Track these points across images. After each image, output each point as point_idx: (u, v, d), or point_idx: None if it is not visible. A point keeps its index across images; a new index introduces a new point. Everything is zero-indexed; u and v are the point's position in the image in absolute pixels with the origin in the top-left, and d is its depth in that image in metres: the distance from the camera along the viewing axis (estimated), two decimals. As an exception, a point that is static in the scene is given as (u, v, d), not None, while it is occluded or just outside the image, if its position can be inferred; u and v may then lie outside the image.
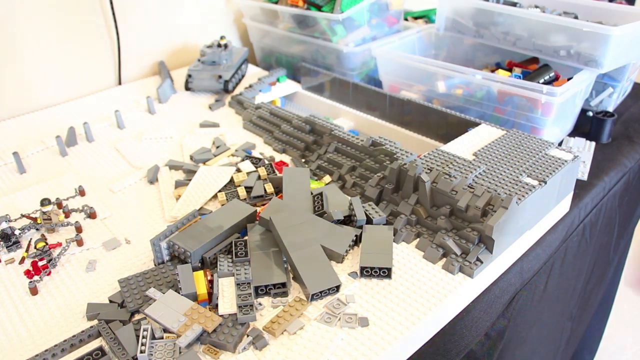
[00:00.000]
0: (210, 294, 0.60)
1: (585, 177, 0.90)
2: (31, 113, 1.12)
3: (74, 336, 0.56)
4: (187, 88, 1.18)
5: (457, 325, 0.64)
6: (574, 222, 0.83)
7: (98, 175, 0.89)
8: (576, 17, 1.04)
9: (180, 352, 0.53)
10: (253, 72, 1.30)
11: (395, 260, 0.66)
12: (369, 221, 0.71)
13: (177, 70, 1.32)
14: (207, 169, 0.85)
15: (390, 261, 0.64)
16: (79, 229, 0.74)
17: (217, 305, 0.59)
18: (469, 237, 0.65)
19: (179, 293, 0.59)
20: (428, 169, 0.72)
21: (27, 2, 1.07)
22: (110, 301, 0.62)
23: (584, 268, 0.97)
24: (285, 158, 0.92)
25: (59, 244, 0.72)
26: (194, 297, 0.60)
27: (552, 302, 0.88)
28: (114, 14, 1.18)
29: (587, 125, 1.03)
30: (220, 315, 0.57)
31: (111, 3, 1.17)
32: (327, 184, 0.81)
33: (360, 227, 0.70)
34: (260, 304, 0.60)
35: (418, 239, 0.69)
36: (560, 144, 0.97)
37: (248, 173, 0.84)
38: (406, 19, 1.36)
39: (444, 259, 0.66)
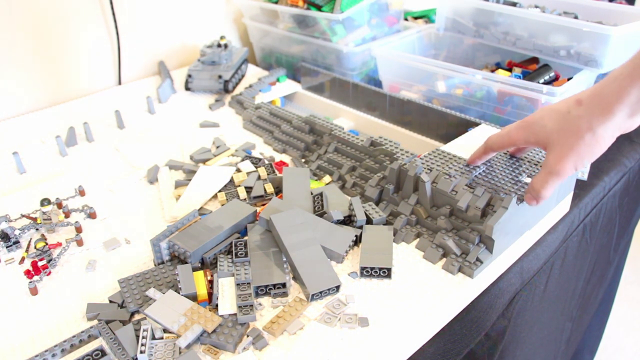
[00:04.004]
0: (210, 294, 0.60)
1: (585, 177, 0.90)
2: (31, 113, 1.12)
3: (74, 336, 0.56)
4: (187, 88, 1.18)
5: (457, 325, 0.64)
6: (574, 222, 0.83)
7: (98, 175, 0.89)
8: (576, 17, 1.04)
9: (180, 353, 0.53)
10: (253, 72, 1.30)
11: (395, 260, 0.66)
12: (369, 221, 0.71)
13: (177, 70, 1.32)
14: (207, 169, 0.85)
15: (390, 261, 0.64)
16: (79, 229, 0.74)
17: (217, 305, 0.59)
18: (469, 237, 0.65)
19: (179, 293, 0.59)
20: (428, 169, 0.72)
21: (26, 2, 1.07)
22: (110, 301, 0.62)
23: (584, 268, 0.97)
24: (285, 158, 0.92)
25: (59, 244, 0.72)
26: (194, 297, 0.60)
27: (552, 302, 0.88)
28: (114, 14, 1.19)
29: (587, 125, 1.02)
30: (220, 316, 0.57)
31: (111, 3, 1.17)
32: (327, 184, 0.81)
33: (360, 227, 0.70)
34: (260, 304, 0.60)
35: (418, 239, 0.69)
36: (560, 144, 0.97)
37: (248, 173, 0.83)
38: (406, 19, 1.36)
39: (444, 259, 0.66)
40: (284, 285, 0.61)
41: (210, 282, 0.62)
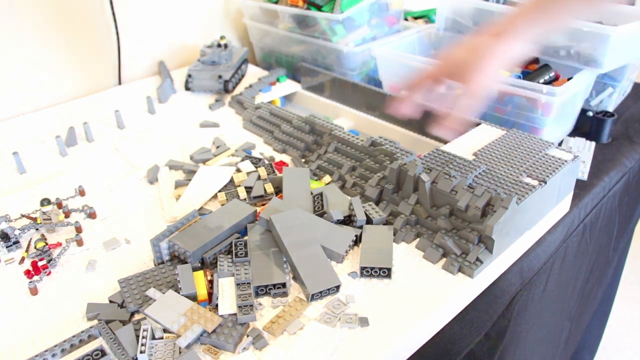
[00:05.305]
0: (210, 294, 0.60)
1: (585, 177, 0.90)
2: (31, 113, 1.12)
3: (74, 336, 0.56)
4: (187, 88, 1.18)
5: (457, 325, 0.64)
6: (574, 222, 0.83)
7: (98, 175, 0.89)
8: (576, 17, 1.04)
9: (180, 353, 0.53)
10: (253, 72, 1.30)
11: (395, 260, 0.66)
12: (369, 221, 0.71)
13: (177, 70, 1.32)
14: (207, 169, 0.85)
15: (390, 261, 0.64)
16: (79, 229, 0.74)
17: (217, 305, 0.59)
18: (469, 237, 0.65)
19: (179, 293, 0.59)
20: (428, 169, 0.72)
21: (27, 1, 1.07)
22: (110, 301, 0.62)
23: (584, 268, 0.97)
24: (285, 158, 0.92)
25: (59, 244, 0.72)
26: (194, 297, 0.60)
27: (552, 302, 0.88)
28: (114, 14, 1.18)
29: (587, 125, 1.02)
30: (220, 316, 0.57)
31: (111, 3, 1.17)
32: (327, 184, 0.81)
33: (360, 227, 0.70)
34: (260, 304, 0.60)
35: (418, 239, 0.69)
36: (560, 144, 0.97)
37: (248, 173, 0.84)
38: (406, 19, 1.36)
39: (444, 259, 0.66)
40: (284, 285, 0.61)
41: (210, 282, 0.62)
